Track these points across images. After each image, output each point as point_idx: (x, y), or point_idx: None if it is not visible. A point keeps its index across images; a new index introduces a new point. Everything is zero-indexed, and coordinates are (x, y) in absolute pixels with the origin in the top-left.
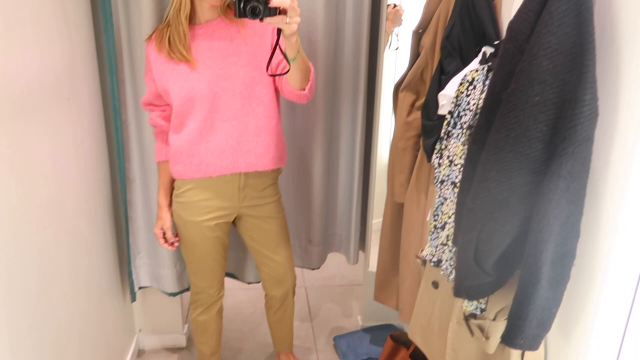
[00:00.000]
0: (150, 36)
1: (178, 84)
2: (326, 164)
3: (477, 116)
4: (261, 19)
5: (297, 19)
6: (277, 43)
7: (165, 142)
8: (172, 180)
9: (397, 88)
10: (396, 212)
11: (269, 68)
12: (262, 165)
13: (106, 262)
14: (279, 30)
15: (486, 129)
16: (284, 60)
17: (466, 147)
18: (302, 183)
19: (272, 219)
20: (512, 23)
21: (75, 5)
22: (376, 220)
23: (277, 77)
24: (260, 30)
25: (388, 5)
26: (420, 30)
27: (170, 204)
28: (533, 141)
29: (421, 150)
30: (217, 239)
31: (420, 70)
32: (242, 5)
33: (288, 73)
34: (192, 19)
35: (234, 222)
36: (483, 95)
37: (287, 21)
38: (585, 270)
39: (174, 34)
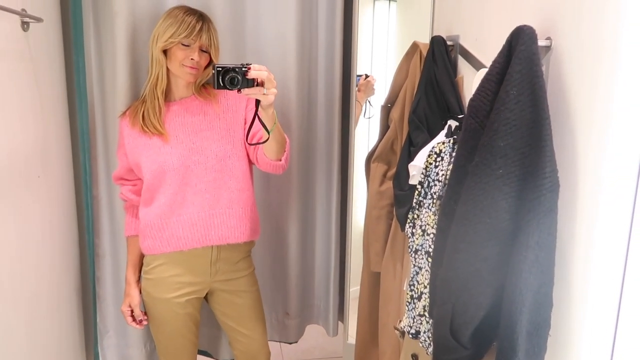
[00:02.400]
0: (125, 112)
1: (150, 157)
2: (302, 234)
3: (445, 187)
4: (239, 90)
5: (274, 90)
6: (256, 113)
7: (135, 216)
8: (142, 256)
9: (369, 159)
10: (373, 282)
11: (249, 137)
12: (235, 237)
13: (71, 344)
14: (258, 101)
15: (454, 201)
16: (260, 132)
17: (436, 218)
18: (277, 254)
19: (245, 292)
20: (472, 101)
21: (50, 83)
22: (354, 289)
23: (252, 150)
24: (234, 106)
25: (360, 76)
26: (389, 105)
27: (138, 280)
28: (500, 212)
29: (395, 219)
30: (188, 315)
31: (391, 141)
32: (220, 77)
33: (265, 144)
34: (167, 95)
35: (205, 297)
36: (450, 167)
37: (265, 92)
38: (561, 340)
39: (148, 108)
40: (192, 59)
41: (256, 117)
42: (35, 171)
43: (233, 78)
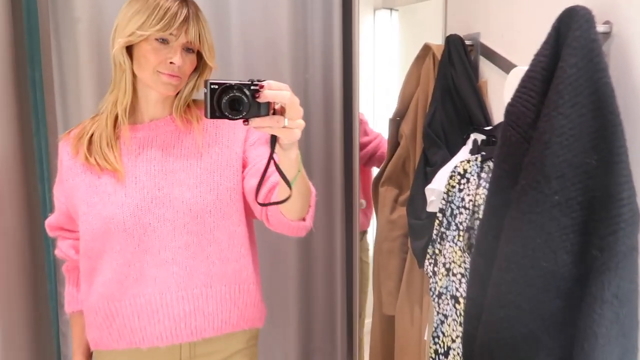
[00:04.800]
0: (69, 132)
1: (93, 208)
2: (302, 267)
3: (478, 218)
4: (246, 120)
5: (301, 121)
6: (271, 156)
7: (80, 283)
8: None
9: (377, 181)
10: (386, 327)
11: (259, 193)
12: (213, 329)
13: None
14: (274, 139)
15: (493, 237)
16: (277, 183)
17: (466, 254)
18: (274, 290)
19: None
20: (511, 106)
21: None
22: (368, 320)
23: (259, 206)
24: (226, 138)
25: None
26: (398, 118)
27: None
28: (559, 253)
29: (410, 253)
30: None
31: (402, 161)
32: (216, 99)
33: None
34: (130, 114)
35: None
36: (480, 191)
37: (286, 124)
38: None
39: (101, 131)
40: (171, 62)
41: (271, 163)
42: None
43: (236, 101)
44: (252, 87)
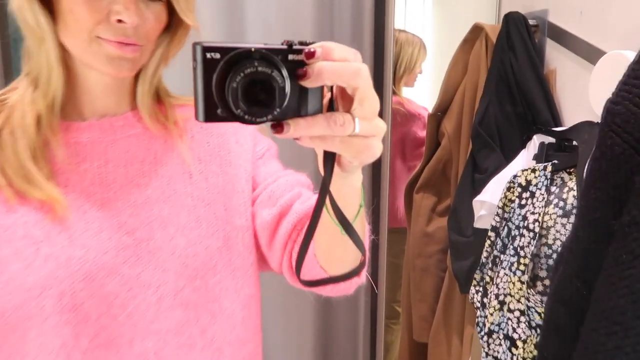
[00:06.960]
0: None
1: (3, 271)
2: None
3: (547, 244)
4: (278, 124)
5: (381, 123)
6: (325, 191)
7: None
8: None
9: (411, 187)
10: (417, 355)
11: (301, 268)
12: None
13: None
14: (331, 158)
15: (583, 282)
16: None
17: (531, 291)
18: (289, 306)
19: None
20: (613, 104)
21: None
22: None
23: (277, 249)
24: (223, 150)
25: None
26: (439, 113)
27: None
28: None
29: (450, 273)
30: None
31: (442, 164)
32: (216, 84)
33: (334, 251)
34: (64, 107)
35: None
36: (550, 210)
37: (357, 130)
38: None
39: (15, 130)
40: (119, 20)
41: (325, 200)
42: None
43: (261, 84)
44: (290, 57)
